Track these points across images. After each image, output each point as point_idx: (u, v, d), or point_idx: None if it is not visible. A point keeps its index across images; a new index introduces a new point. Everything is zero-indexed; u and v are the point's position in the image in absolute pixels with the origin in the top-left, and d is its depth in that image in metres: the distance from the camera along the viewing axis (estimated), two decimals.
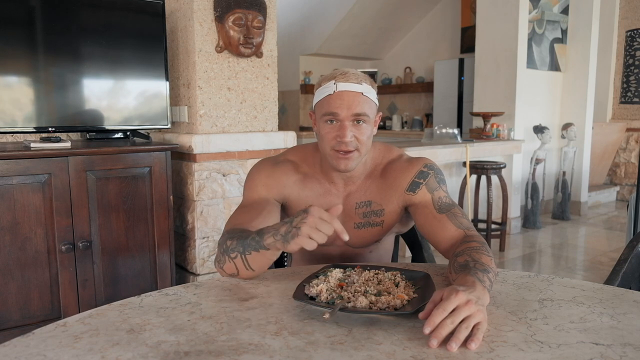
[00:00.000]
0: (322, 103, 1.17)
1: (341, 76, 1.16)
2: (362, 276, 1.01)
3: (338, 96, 1.14)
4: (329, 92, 1.15)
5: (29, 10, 2.26)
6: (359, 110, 1.14)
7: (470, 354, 0.75)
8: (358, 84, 1.15)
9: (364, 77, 1.18)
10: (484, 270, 0.95)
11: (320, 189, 1.26)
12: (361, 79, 1.16)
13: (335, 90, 1.14)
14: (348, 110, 1.13)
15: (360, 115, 1.14)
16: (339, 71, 1.18)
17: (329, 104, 1.15)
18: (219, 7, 2.59)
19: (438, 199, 1.20)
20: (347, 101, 1.13)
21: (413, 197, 1.22)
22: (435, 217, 1.18)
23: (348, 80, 1.15)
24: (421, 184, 1.22)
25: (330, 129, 1.16)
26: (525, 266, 3.65)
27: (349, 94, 1.14)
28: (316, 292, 0.93)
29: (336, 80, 1.15)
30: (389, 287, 0.96)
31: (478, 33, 4.69)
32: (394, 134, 6.54)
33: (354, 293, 0.93)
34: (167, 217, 2.47)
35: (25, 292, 2.15)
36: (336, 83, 1.15)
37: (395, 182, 1.24)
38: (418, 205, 1.22)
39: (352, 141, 1.14)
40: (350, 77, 1.15)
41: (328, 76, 1.19)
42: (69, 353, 0.75)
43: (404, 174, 1.24)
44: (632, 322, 0.86)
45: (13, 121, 2.27)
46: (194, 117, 2.69)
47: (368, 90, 1.17)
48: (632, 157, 6.13)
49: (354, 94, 1.14)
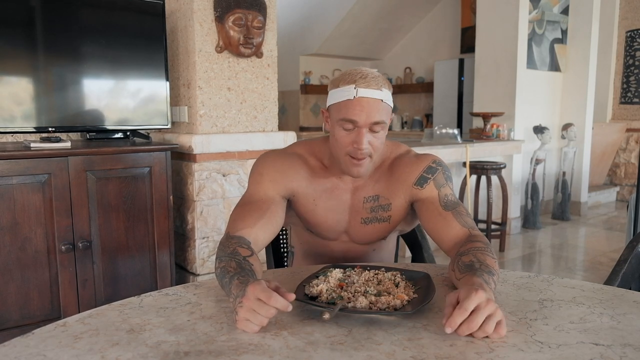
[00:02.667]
0: (340, 107, 1.14)
1: (362, 80, 1.12)
2: (362, 276, 1.01)
3: (358, 103, 1.11)
4: (348, 96, 1.12)
5: (29, 10, 2.26)
6: (377, 118, 1.12)
7: (470, 354, 0.75)
8: (379, 90, 1.12)
9: (383, 80, 1.15)
10: (489, 273, 0.95)
11: (328, 183, 1.25)
12: (381, 84, 1.13)
13: (355, 96, 1.11)
14: (367, 118, 1.11)
15: (378, 124, 1.12)
16: (359, 74, 1.14)
17: (348, 110, 1.12)
18: (219, 7, 2.59)
19: (444, 196, 1.20)
20: (367, 109, 1.11)
21: (420, 191, 1.21)
22: (440, 213, 1.17)
23: (369, 86, 1.11)
24: (429, 179, 1.21)
25: (347, 134, 1.14)
26: (525, 266, 3.65)
27: (369, 101, 1.11)
28: (316, 292, 0.93)
29: (357, 85, 1.11)
30: (389, 287, 0.96)
31: (478, 33, 4.69)
32: (394, 134, 6.53)
33: (354, 293, 0.93)
34: (167, 217, 2.47)
35: (25, 292, 2.15)
36: (357, 88, 1.11)
37: (402, 176, 1.23)
38: (424, 201, 1.21)
39: (367, 148, 1.13)
40: (370, 83, 1.12)
41: (347, 77, 1.14)
42: (69, 353, 0.75)
43: (412, 168, 1.23)
44: (632, 322, 0.86)
45: (13, 121, 2.27)
46: (194, 117, 2.69)
47: (387, 96, 1.14)
48: (632, 157, 6.13)
49: (374, 102, 1.11)
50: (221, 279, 0.97)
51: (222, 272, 0.97)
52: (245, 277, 0.92)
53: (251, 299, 0.82)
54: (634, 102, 6.06)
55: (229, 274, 0.94)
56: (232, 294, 0.89)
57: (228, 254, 1.01)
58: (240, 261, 0.98)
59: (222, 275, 0.97)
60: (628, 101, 6.09)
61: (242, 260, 0.98)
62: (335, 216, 1.25)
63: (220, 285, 0.98)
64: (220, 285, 0.98)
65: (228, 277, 0.94)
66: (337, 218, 1.26)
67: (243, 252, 1.01)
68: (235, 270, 0.95)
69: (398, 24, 6.84)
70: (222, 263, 0.99)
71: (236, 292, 0.88)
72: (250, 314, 0.82)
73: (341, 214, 1.26)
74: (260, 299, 0.81)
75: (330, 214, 1.25)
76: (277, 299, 0.80)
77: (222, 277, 0.97)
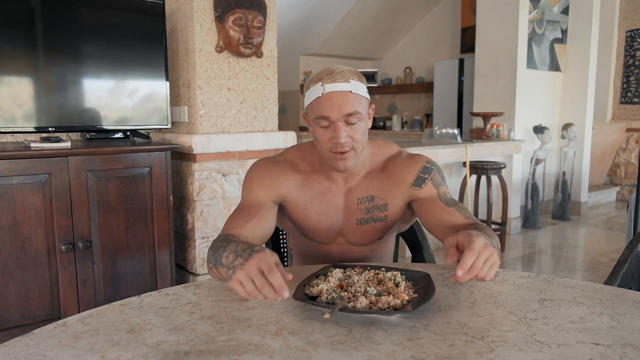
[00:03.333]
0: (313, 106, 1.15)
1: (328, 77, 1.13)
2: (362, 276, 1.01)
3: (327, 98, 1.12)
4: (317, 94, 1.13)
5: (29, 10, 2.26)
6: (349, 110, 1.12)
7: (470, 354, 0.75)
8: (346, 82, 1.13)
9: (351, 72, 1.16)
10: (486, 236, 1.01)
11: (320, 187, 1.26)
12: (348, 76, 1.13)
13: (323, 93, 1.12)
14: (339, 111, 1.12)
15: (352, 115, 1.13)
16: (325, 71, 1.15)
17: (319, 107, 1.13)
18: (219, 7, 2.59)
19: (443, 194, 1.22)
20: (337, 102, 1.11)
21: (419, 191, 1.23)
22: (444, 210, 1.19)
23: (335, 80, 1.12)
24: (426, 179, 1.23)
25: (324, 131, 1.15)
26: (525, 266, 3.65)
27: (337, 94, 1.12)
28: (316, 292, 0.93)
29: (323, 82, 1.13)
30: (390, 287, 0.96)
31: (478, 33, 4.69)
32: (394, 134, 6.53)
33: (354, 293, 0.93)
34: (167, 217, 2.47)
35: (25, 292, 2.15)
36: (323, 85, 1.12)
37: (399, 178, 1.24)
38: (424, 200, 1.22)
39: (347, 141, 1.14)
40: (336, 77, 1.13)
41: (315, 77, 1.16)
42: (69, 353, 0.75)
43: (408, 169, 1.24)
44: (632, 322, 0.86)
45: (13, 121, 2.27)
46: (194, 117, 2.69)
47: (356, 87, 1.14)
48: (632, 157, 6.13)
49: (342, 94, 1.12)
50: (214, 256, 1.00)
51: (214, 252, 1.01)
52: (246, 244, 0.95)
53: (253, 265, 0.85)
54: (634, 102, 6.06)
55: (222, 246, 0.99)
56: (229, 254, 0.93)
57: (220, 240, 1.05)
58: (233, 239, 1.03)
59: (214, 254, 1.00)
60: (628, 101, 6.09)
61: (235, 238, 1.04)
62: (328, 219, 1.26)
63: (214, 263, 1.00)
64: (214, 262, 1.00)
65: (222, 248, 0.98)
66: (331, 221, 1.26)
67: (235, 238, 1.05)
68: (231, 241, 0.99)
69: (398, 24, 6.84)
70: (216, 244, 1.03)
71: (240, 249, 0.92)
72: (245, 279, 0.84)
73: (334, 216, 1.26)
74: (262, 269, 0.83)
75: (323, 218, 1.26)
76: (277, 277, 0.82)
77: (214, 254, 1.00)
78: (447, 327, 0.84)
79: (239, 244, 0.96)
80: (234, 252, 0.93)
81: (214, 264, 1.01)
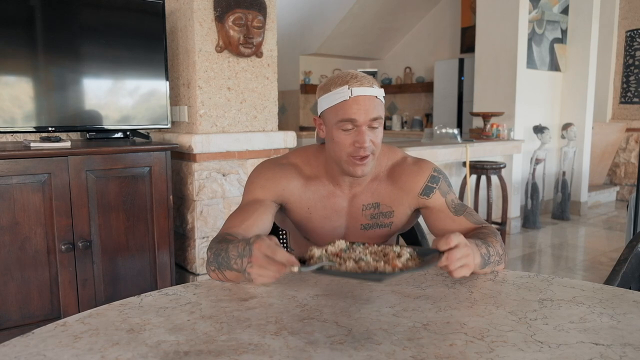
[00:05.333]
0: (337, 109, 1.14)
1: (354, 80, 1.14)
2: (367, 250, 0.94)
3: (355, 102, 1.12)
4: (343, 97, 1.13)
5: (29, 10, 2.26)
6: (375, 114, 1.13)
7: (470, 354, 0.75)
8: (372, 87, 1.14)
9: (372, 78, 1.18)
10: (485, 243, 1.04)
11: (324, 191, 1.25)
12: (372, 82, 1.16)
13: (350, 96, 1.12)
14: (366, 115, 1.12)
15: (376, 119, 1.14)
16: (350, 75, 1.16)
17: (345, 110, 1.13)
18: (219, 6, 2.59)
19: (451, 202, 1.24)
20: (365, 106, 1.12)
21: (427, 200, 1.24)
22: (454, 220, 1.21)
23: (362, 85, 1.13)
24: (434, 189, 1.24)
25: (347, 135, 1.14)
26: (525, 266, 3.65)
27: (365, 98, 1.13)
28: (308, 256, 0.91)
29: (350, 85, 1.13)
30: (391, 257, 0.90)
31: (478, 33, 4.69)
32: (394, 134, 6.53)
33: (347, 259, 0.89)
34: (167, 217, 2.46)
35: (25, 291, 2.15)
36: (350, 88, 1.13)
37: (406, 186, 1.24)
38: (432, 209, 1.24)
39: (369, 146, 1.15)
40: (363, 81, 1.14)
41: (337, 80, 1.15)
42: (69, 353, 0.75)
43: (416, 178, 1.24)
44: (632, 322, 0.86)
45: (13, 121, 2.27)
46: (194, 117, 2.69)
47: (380, 92, 1.17)
48: (632, 157, 6.13)
49: (370, 99, 1.13)
50: (217, 259, 1.03)
51: (215, 255, 1.03)
52: (242, 241, 0.98)
53: (258, 256, 0.89)
54: (634, 102, 6.06)
55: (223, 249, 1.01)
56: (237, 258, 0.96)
57: (218, 241, 1.07)
58: (231, 239, 1.05)
59: (216, 257, 1.03)
60: (628, 101, 6.10)
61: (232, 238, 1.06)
62: (330, 224, 1.26)
63: (217, 267, 1.03)
64: (217, 265, 1.03)
65: (222, 254, 1.01)
66: (334, 225, 1.27)
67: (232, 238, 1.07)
68: (230, 242, 1.02)
69: (398, 24, 6.84)
70: (216, 246, 1.05)
71: (241, 250, 0.95)
72: (262, 271, 0.89)
73: (337, 221, 1.26)
74: (267, 254, 0.87)
75: (325, 222, 1.26)
76: (282, 254, 0.86)
77: (217, 257, 1.03)
78: (447, 327, 0.84)
79: (238, 245, 0.97)
80: (239, 256, 0.95)
81: (217, 267, 1.03)
